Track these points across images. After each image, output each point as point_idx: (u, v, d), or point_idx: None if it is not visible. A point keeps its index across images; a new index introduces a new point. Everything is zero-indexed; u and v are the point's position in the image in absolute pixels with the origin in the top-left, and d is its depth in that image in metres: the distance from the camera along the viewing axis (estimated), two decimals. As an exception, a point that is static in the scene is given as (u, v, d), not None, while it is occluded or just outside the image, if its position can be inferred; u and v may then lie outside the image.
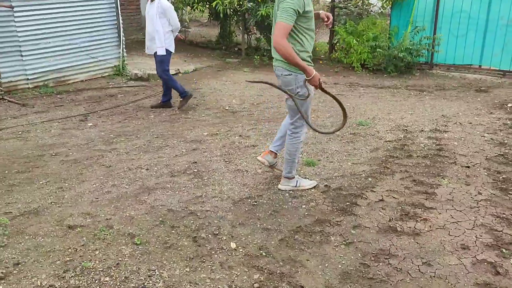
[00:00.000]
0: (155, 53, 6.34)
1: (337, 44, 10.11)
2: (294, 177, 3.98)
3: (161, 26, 6.17)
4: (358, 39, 9.26)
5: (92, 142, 5.23)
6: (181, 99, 6.59)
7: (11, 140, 5.28)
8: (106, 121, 6.04)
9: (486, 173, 4.33)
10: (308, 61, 3.61)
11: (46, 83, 7.67)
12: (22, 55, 7.27)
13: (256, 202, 3.76)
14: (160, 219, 3.49)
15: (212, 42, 12.54)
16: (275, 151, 4.14)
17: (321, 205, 3.72)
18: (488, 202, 3.76)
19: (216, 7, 9.69)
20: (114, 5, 8.49)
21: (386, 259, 3.00)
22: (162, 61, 6.36)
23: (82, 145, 5.14)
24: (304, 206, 3.70)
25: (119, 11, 8.59)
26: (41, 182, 4.15)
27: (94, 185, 4.08)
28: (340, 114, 6.22)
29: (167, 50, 6.29)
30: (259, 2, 9.85)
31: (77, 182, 4.15)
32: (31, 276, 2.79)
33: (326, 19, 3.80)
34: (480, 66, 9.03)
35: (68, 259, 2.96)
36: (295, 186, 3.97)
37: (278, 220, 3.49)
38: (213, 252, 3.07)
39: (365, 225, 3.41)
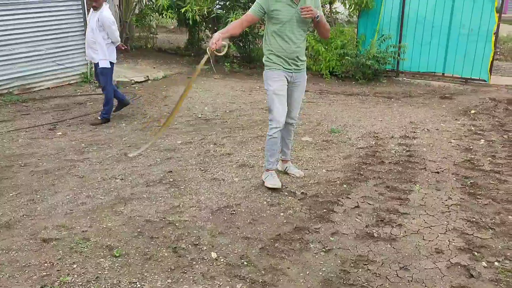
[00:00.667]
0: (97, 63, 6.11)
1: (306, 51, 10.25)
2: (267, 170, 4.22)
3: (101, 38, 5.98)
4: (327, 47, 9.42)
5: (63, 151, 5.11)
6: (100, 117, 6.26)
7: (-23, 151, 5.09)
8: (76, 130, 5.92)
9: (454, 178, 4.48)
10: (275, 62, 3.98)
11: (10, 90, 7.45)
12: (-15, 62, 7.04)
13: (234, 211, 3.77)
14: (138, 230, 3.44)
15: (181, 49, 12.47)
16: (282, 159, 4.50)
17: (299, 212, 3.77)
18: (458, 206, 3.90)
19: (185, 14, 9.65)
20: (81, 11, 8.34)
21: (365, 265, 3.07)
22: (104, 74, 6.12)
23: (52, 155, 5.01)
24: (282, 214, 3.73)
25: (86, 17, 8.44)
26: (11, 194, 4.02)
27: (68, 197, 3.99)
28: (312, 121, 6.32)
29: (110, 63, 6.12)
30: (228, 8, 9.90)
31: (50, 194, 4.05)
32: (7, 293, 2.70)
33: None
34: (443, 73, 9.35)
35: (45, 273, 2.89)
36: (263, 179, 4.24)
37: (258, 228, 3.51)
38: (194, 262, 3.06)
39: (343, 232, 3.48)
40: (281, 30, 3.88)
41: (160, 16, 11.41)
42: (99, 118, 6.28)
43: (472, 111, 6.99)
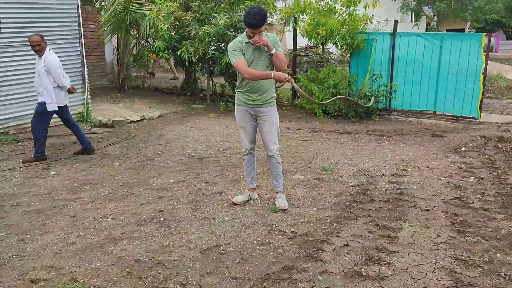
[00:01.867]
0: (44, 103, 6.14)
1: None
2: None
3: (49, 83, 6.07)
4: (319, 86, 9.63)
5: (56, 191, 5.14)
6: (33, 156, 6.30)
7: (-30, 191, 5.12)
8: (69, 169, 5.97)
9: (444, 216, 4.51)
10: (239, 98, 4.54)
11: (6, 130, 7.53)
12: (-17, 103, 7.15)
13: (224, 250, 3.78)
14: (127, 270, 3.44)
15: (177, 88, 12.70)
16: (250, 187, 4.93)
17: (288, 251, 3.78)
18: (447, 244, 3.92)
19: (181, 55, 9.90)
20: (79, 52, 8.55)
21: (352, 304, 3.06)
22: (40, 114, 6.20)
23: (45, 194, 5.04)
24: (271, 253, 3.74)
25: (84, 58, 8.65)
26: (1, 234, 4.03)
27: (58, 236, 4.00)
28: (304, 159, 6.39)
29: (59, 107, 6.23)
30: (223, 50, 10.15)
31: (40, 234, 4.06)
32: (-9, 336, 2.68)
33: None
34: (434, 111, 9.52)
35: (31, 315, 2.87)
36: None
37: (247, 268, 3.51)
38: (181, 303, 3.05)
39: (332, 271, 3.48)
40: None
41: (157, 57, 11.67)
42: (34, 156, 6.31)
43: (463, 149, 7.08)
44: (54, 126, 8.13)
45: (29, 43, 6.16)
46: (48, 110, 6.15)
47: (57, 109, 6.22)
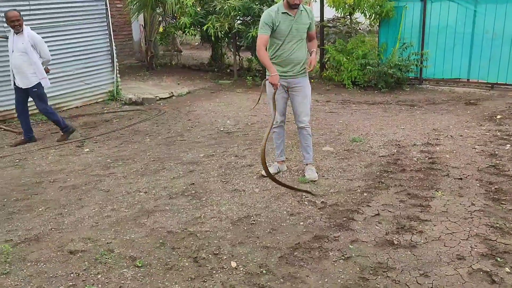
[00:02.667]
0: (27, 88, 6.01)
1: (328, 62, 10.29)
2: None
3: (37, 58, 5.95)
4: (348, 57, 9.44)
5: (90, 167, 5.28)
6: (63, 133, 6.37)
7: (9, 169, 5.31)
8: (102, 146, 6.11)
9: (478, 184, 4.41)
10: (275, 67, 4.35)
11: (41, 110, 7.72)
12: (17, 84, 7.34)
13: (254, 221, 3.82)
14: (160, 241, 3.53)
15: (204, 65, 12.71)
16: (279, 160, 4.93)
17: (318, 221, 3.78)
18: (482, 212, 3.84)
19: (208, 31, 9.86)
20: (107, 31, 8.63)
21: (384, 272, 3.05)
22: (40, 95, 6.11)
23: (80, 170, 5.18)
24: (302, 223, 3.76)
25: (112, 37, 8.73)
26: (40, 209, 4.18)
27: (94, 210, 4.12)
28: (333, 131, 6.34)
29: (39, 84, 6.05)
30: (249, 24, 10.05)
31: (77, 208, 4.19)
32: (35, 302, 2.81)
33: (308, 64, 4.44)
34: (468, 79, 9.22)
35: (71, 284, 3.00)
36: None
37: (277, 238, 3.54)
38: (214, 271, 3.11)
39: (363, 240, 3.47)
40: (279, 40, 4.34)
41: (184, 34, 11.68)
42: (63, 133, 6.36)
43: (498, 116, 6.86)
44: (86, 106, 8.33)
45: (5, 19, 5.94)
46: (44, 86, 6.06)
47: (48, 85, 6.11)
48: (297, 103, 4.54)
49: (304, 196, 4.26)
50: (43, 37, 7.37)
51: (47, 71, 6.30)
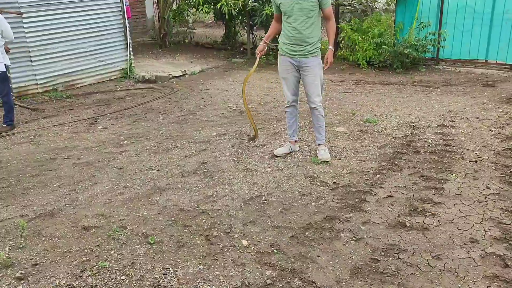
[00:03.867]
0: None
1: (343, 41, 10.13)
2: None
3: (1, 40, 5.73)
4: (363, 36, 9.28)
5: (103, 144, 5.32)
6: (5, 125, 5.92)
7: (24, 145, 5.37)
8: (115, 124, 6.13)
9: (494, 168, 4.35)
10: (282, 48, 4.44)
11: (55, 87, 7.78)
12: (31, 61, 7.40)
13: (266, 200, 3.82)
14: (173, 218, 3.55)
15: (217, 43, 12.62)
16: (291, 140, 4.87)
17: (330, 202, 3.77)
18: (496, 196, 3.79)
19: (221, 8, 9.75)
20: (120, 9, 8.59)
21: (395, 253, 3.04)
22: (3, 79, 5.80)
23: (93, 147, 5.22)
24: (313, 204, 3.75)
25: (125, 15, 8.69)
26: (55, 185, 4.23)
27: (107, 187, 4.16)
28: (347, 111, 6.28)
29: (5, 65, 5.78)
30: (263, 1, 9.91)
31: (90, 184, 4.23)
32: (50, 276, 2.87)
33: (325, 61, 4.43)
34: (486, 60, 9.01)
35: (85, 259, 3.04)
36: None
37: (288, 217, 3.54)
38: (225, 250, 3.13)
39: (374, 221, 3.46)
40: (286, 19, 4.34)
41: (197, 11, 11.57)
42: (4, 125, 5.94)
43: (516, 99, 6.73)
44: (100, 83, 8.35)
45: None
46: (4, 70, 5.77)
47: (5, 69, 5.78)
48: (308, 84, 4.47)
49: (316, 177, 4.24)
50: (56, 14, 7.35)
51: (7, 50, 6.10)
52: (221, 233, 3.33)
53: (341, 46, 10.29)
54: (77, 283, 2.79)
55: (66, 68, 7.91)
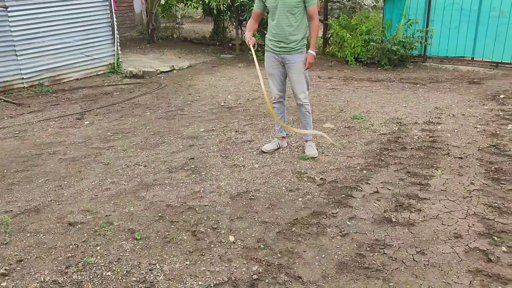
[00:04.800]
0: None
1: (331, 38, 10.16)
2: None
3: None
4: (352, 33, 9.32)
5: (90, 140, 5.27)
6: None
7: (9, 140, 5.31)
8: (102, 119, 6.09)
9: (478, 164, 4.40)
10: (267, 44, 4.49)
11: (41, 82, 7.69)
12: (16, 55, 7.29)
13: (253, 196, 3.83)
14: (159, 214, 3.54)
15: (206, 38, 12.57)
16: (279, 136, 4.89)
17: (317, 197, 3.79)
18: (481, 192, 3.84)
19: (210, 3, 9.71)
20: (107, 3, 8.50)
21: (381, 249, 3.07)
22: None
23: (80, 143, 5.18)
24: (300, 199, 3.76)
25: (113, 9, 8.61)
26: (40, 181, 4.19)
27: (93, 183, 4.13)
28: (335, 108, 6.30)
29: None
30: (252, -3, 9.89)
31: (76, 180, 4.20)
32: (34, 272, 2.84)
33: (305, 63, 4.43)
34: (472, 58, 9.11)
35: (70, 255, 3.02)
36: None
37: (275, 213, 3.55)
38: (212, 245, 3.13)
39: (361, 217, 3.48)
40: (271, 16, 4.35)
41: (185, 6, 11.51)
42: None
43: (501, 96, 6.80)
44: (86, 78, 8.27)
45: None
46: None
47: None
48: (292, 81, 4.48)
49: (303, 173, 4.26)
50: (42, 7, 7.26)
51: None
52: (208, 229, 3.33)
53: (329, 42, 10.31)
54: (62, 279, 2.77)
55: (52, 62, 7.82)
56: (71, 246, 3.12)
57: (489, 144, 4.88)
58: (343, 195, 3.81)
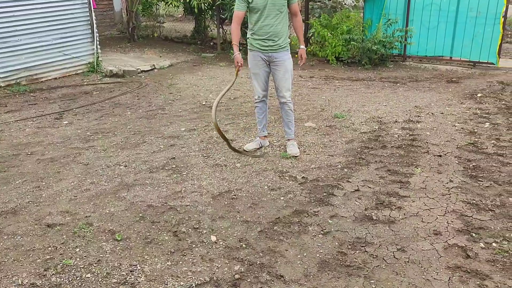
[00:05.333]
0: None
1: (312, 37, 10.20)
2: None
3: None
4: (333, 32, 9.36)
5: (69, 140, 5.19)
6: None
7: (-15, 140, 5.19)
8: (82, 119, 6.00)
9: (457, 162, 4.47)
10: (252, 44, 4.44)
11: (18, 81, 7.54)
12: (-8, 53, 7.13)
13: (235, 195, 3.82)
14: (140, 215, 3.51)
15: (187, 37, 12.50)
16: (261, 135, 4.89)
17: (299, 196, 3.80)
18: (459, 189, 3.90)
19: (191, 2, 9.65)
20: (86, 1, 8.38)
21: (362, 247, 3.09)
22: None
23: (58, 143, 5.09)
24: (282, 198, 3.77)
25: (92, 7, 8.49)
26: (17, 182, 4.11)
27: (72, 183, 4.06)
28: (316, 107, 6.33)
29: None
30: (233, -4, 9.86)
31: (55, 181, 4.13)
32: (12, 275, 2.78)
33: (300, 58, 4.57)
34: (451, 57, 9.25)
35: (49, 257, 2.97)
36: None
37: (257, 212, 3.55)
38: (193, 245, 3.11)
39: (342, 215, 3.50)
40: (258, 16, 4.30)
41: (166, 5, 11.42)
42: None
43: (479, 95, 6.93)
44: (65, 77, 8.14)
45: None
46: None
47: None
48: (278, 78, 4.49)
49: (285, 172, 4.26)
50: (18, 5, 7.13)
51: None
52: (190, 229, 3.31)
53: (310, 42, 10.35)
54: (40, 282, 2.72)
55: (30, 61, 7.67)
56: (49, 248, 3.07)
57: (467, 142, 4.96)
58: (324, 194, 3.83)
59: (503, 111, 6.11)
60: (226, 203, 3.70)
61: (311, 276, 2.80)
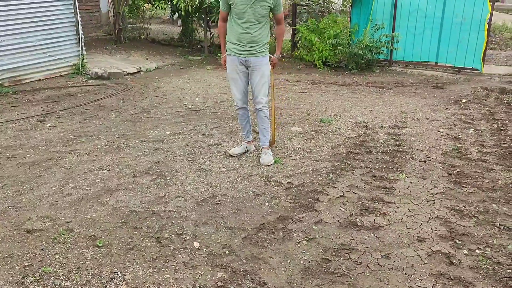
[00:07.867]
0: None
1: (299, 42, 10.21)
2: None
3: None
4: (320, 37, 9.39)
5: (51, 143, 5.10)
6: None
7: (-35, 143, 5.08)
8: (65, 122, 5.91)
9: (441, 167, 4.49)
10: (229, 48, 4.39)
11: (1, 82, 7.42)
12: (-26, 54, 7.00)
13: (219, 201, 3.78)
14: (123, 220, 3.45)
15: (174, 40, 12.43)
16: (246, 140, 4.84)
17: (283, 202, 3.78)
18: (443, 195, 3.91)
19: (178, 4, 9.60)
20: (71, 2, 8.28)
21: (346, 253, 3.08)
22: None
23: (41, 146, 5.00)
24: (267, 204, 3.74)
25: (77, 8, 8.39)
26: (-3, 186, 4.03)
27: (54, 188, 3.99)
28: (302, 111, 6.32)
29: None
30: (221, -1, 9.83)
31: (36, 185, 4.05)
32: (-12, 283, 2.71)
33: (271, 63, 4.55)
34: (436, 63, 9.33)
35: (27, 264, 2.90)
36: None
37: (242, 218, 3.51)
38: (176, 252, 3.07)
39: (327, 221, 3.49)
40: (237, 20, 4.27)
41: (153, 7, 11.35)
42: None
43: (463, 100, 6.98)
44: (49, 79, 8.03)
45: None
46: None
47: None
48: (255, 83, 4.43)
49: (270, 177, 4.24)
50: (2, 5, 7.02)
51: None
52: (173, 235, 3.26)
53: (298, 46, 10.37)
54: (17, 290, 2.66)
55: (13, 62, 7.54)
56: (28, 255, 3.00)
57: (451, 148, 4.99)
58: (309, 199, 3.81)
59: (487, 117, 6.16)
60: (210, 208, 3.66)
61: (295, 284, 2.77)
